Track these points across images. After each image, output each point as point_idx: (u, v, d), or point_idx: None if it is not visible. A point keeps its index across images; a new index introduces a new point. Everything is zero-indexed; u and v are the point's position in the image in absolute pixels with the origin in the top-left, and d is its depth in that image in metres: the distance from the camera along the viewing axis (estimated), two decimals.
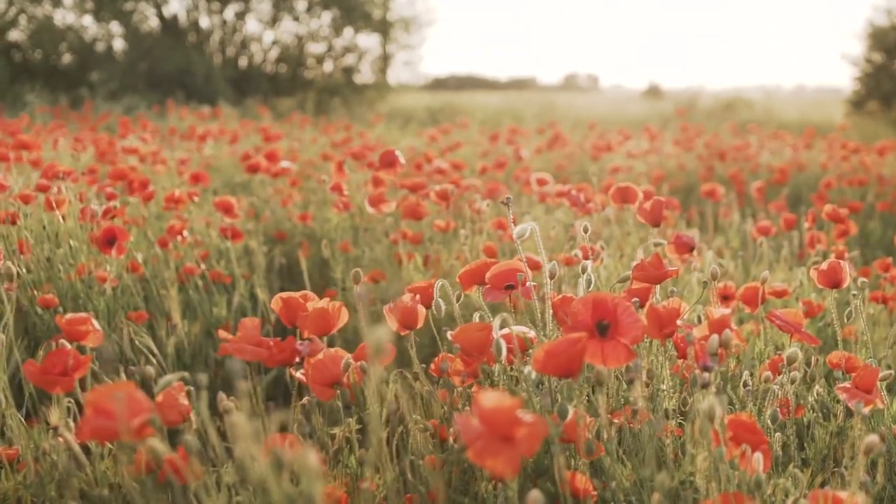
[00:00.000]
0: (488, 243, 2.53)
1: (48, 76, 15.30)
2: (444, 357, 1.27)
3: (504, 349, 1.11)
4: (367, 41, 20.18)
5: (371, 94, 17.94)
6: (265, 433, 1.04)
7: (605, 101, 24.24)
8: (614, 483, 1.12)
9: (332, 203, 2.97)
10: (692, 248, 1.77)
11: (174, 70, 15.21)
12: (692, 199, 5.11)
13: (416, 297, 1.30)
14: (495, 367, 1.22)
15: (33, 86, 13.79)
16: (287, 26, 17.71)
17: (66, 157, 4.35)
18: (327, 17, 17.71)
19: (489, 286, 1.35)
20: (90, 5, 16.18)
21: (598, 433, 1.13)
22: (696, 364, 1.09)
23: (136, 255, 2.40)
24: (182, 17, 16.92)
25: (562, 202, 2.91)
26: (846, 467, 1.26)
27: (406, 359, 1.35)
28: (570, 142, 7.23)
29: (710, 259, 2.35)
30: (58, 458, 1.17)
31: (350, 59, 18.24)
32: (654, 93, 27.18)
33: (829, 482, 1.34)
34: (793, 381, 1.37)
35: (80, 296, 2.21)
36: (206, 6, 17.02)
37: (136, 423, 0.80)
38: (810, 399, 1.50)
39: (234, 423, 0.69)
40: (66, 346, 1.20)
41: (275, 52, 17.66)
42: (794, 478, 1.14)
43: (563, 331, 1.13)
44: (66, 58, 16.23)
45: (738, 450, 1.10)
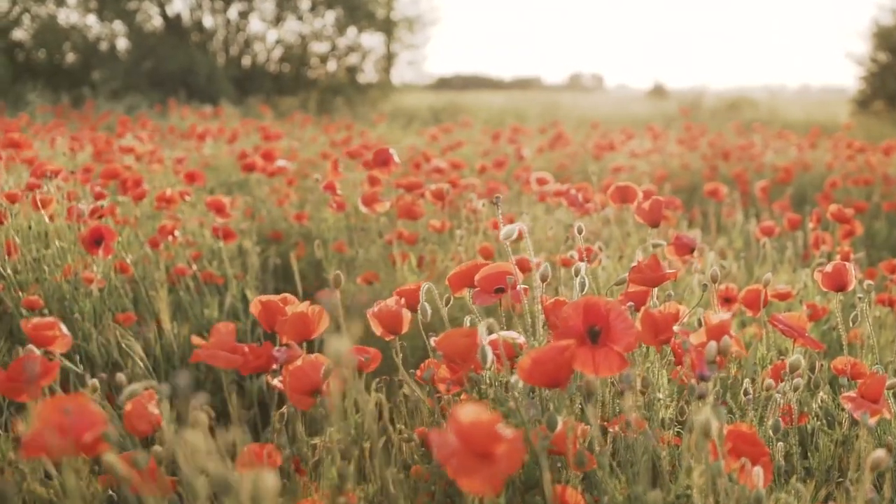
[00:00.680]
0: (484, 244, 2.47)
1: (51, 75, 15.31)
2: (429, 364, 1.22)
3: (490, 357, 1.05)
4: (371, 40, 20.12)
5: (374, 93, 17.91)
6: (237, 447, 0.99)
7: (610, 100, 24.17)
8: (607, 497, 1.07)
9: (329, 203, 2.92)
10: (692, 250, 1.71)
11: (177, 69, 15.19)
12: (695, 199, 5.04)
13: (401, 301, 1.24)
14: (483, 375, 1.16)
15: (35, 85, 13.79)
16: (291, 25, 17.71)
17: (60, 156, 4.31)
18: (331, 16, 17.69)
19: (478, 289, 1.29)
20: (94, 5, 16.19)
21: (591, 444, 1.07)
22: (692, 373, 1.03)
23: (125, 256, 2.35)
24: (185, 17, 16.92)
25: (561, 202, 2.85)
26: (851, 481, 1.20)
27: (396, 364, 1.29)
28: (572, 141, 7.17)
29: (711, 260, 2.30)
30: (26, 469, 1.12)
31: (354, 59, 18.21)
32: (658, 92, 27.10)
33: (833, 495, 1.28)
34: (796, 388, 1.31)
35: (66, 297, 2.17)
36: (210, 5, 17.00)
37: (88, 437, 0.75)
38: (814, 406, 1.44)
39: (187, 440, 0.64)
40: (34, 351, 1.15)
41: (278, 51, 17.65)
42: (797, 492, 1.08)
43: (554, 336, 1.08)
44: (70, 57, 16.24)
45: (738, 463, 1.04)
